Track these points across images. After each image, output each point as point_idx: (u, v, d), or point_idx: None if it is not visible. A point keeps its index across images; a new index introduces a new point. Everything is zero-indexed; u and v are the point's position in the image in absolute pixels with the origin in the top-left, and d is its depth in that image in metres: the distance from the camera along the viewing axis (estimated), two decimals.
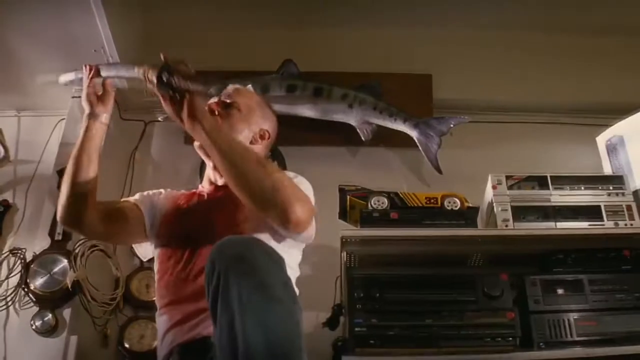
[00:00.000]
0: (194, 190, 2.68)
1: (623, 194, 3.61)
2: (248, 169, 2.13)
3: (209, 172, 2.63)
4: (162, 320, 2.35)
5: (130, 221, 2.52)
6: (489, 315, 3.23)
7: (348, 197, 3.56)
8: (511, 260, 3.51)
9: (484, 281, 3.30)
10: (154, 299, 2.51)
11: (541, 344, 3.21)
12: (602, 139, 4.07)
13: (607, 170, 3.99)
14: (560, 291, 3.36)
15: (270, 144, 2.77)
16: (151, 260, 3.88)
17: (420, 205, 3.51)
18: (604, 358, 3.20)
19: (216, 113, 2.52)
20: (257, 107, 2.68)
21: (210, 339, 2.07)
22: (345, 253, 3.45)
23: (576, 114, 4.55)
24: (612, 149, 3.97)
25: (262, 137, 2.67)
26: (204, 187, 2.65)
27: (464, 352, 3.12)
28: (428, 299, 3.24)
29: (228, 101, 2.58)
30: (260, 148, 2.63)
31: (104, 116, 2.46)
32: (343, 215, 3.60)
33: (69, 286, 3.66)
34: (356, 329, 3.13)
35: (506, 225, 3.48)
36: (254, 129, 2.63)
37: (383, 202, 3.49)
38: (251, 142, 2.60)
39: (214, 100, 2.58)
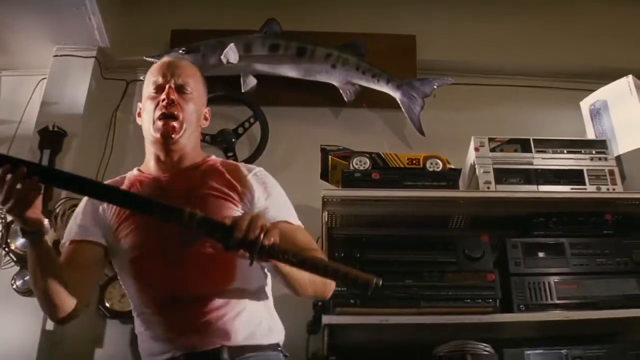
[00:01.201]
0: (140, 176, 2.39)
1: (606, 159, 3.61)
2: (316, 290, 2.18)
3: (155, 151, 2.36)
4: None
5: (91, 263, 2.29)
6: (469, 276, 3.23)
7: (330, 157, 3.54)
8: (492, 223, 3.50)
9: (465, 243, 3.29)
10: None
11: (521, 306, 3.22)
12: (586, 104, 4.06)
13: (591, 135, 3.98)
14: (541, 254, 3.37)
15: None
16: None
17: (402, 166, 3.49)
18: (583, 321, 3.22)
19: (175, 102, 2.29)
20: (202, 86, 2.46)
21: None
22: (326, 213, 3.42)
23: (561, 78, 4.51)
24: (595, 113, 3.95)
25: (205, 119, 2.48)
26: (152, 171, 2.37)
27: (443, 312, 3.12)
28: (408, 259, 3.23)
29: (180, 83, 2.33)
30: (200, 130, 2.46)
31: (45, 222, 2.03)
32: (324, 175, 3.58)
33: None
34: (336, 288, 3.11)
35: (488, 188, 3.48)
36: (201, 111, 2.44)
37: (365, 163, 3.47)
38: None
39: (167, 85, 2.30)
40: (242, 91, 4.19)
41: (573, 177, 3.55)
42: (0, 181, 1.82)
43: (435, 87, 4.16)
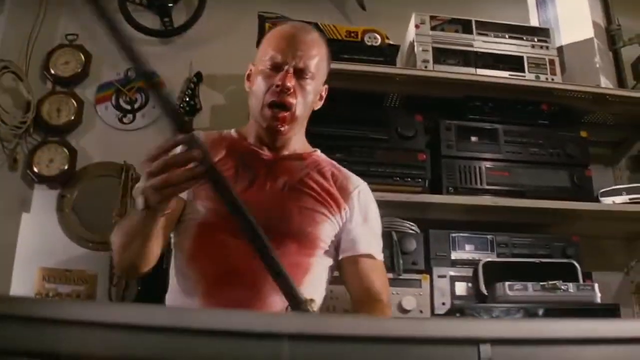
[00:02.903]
0: (241, 142, 2.19)
1: (547, 48, 3.52)
2: None
3: (258, 131, 2.15)
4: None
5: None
6: (400, 155, 3.16)
7: (267, 24, 3.38)
8: (428, 105, 3.42)
9: (398, 121, 3.21)
10: (64, 122, 2.24)
11: (450, 188, 3.17)
12: None
13: (535, 23, 3.89)
14: (474, 138, 3.31)
15: None
16: (65, 84, 3.73)
17: (340, 38, 3.34)
18: (512, 209, 3.20)
19: (291, 90, 2.03)
20: (326, 64, 2.20)
21: None
22: None
23: None
24: (541, 1, 3.87)
25: (320, 98, 2.24)
26: (252, 141, 2.17)
27: (372, 189, 3.03)
28: (339, 134, 3.13)
29: (301, 67, 2.06)
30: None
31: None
32: (260, 43, 3.42)
33: None
34: None
35: (425, 67, 3.36)
36: (318, 92, 2.20)
37: None
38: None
39: (285, 67, 2.03)
40: None
41: (512, 63, 3.46)
42: (179, 163, 1.56)
43: None
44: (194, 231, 2.01)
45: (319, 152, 2.28)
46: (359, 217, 2.14)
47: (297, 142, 2.19)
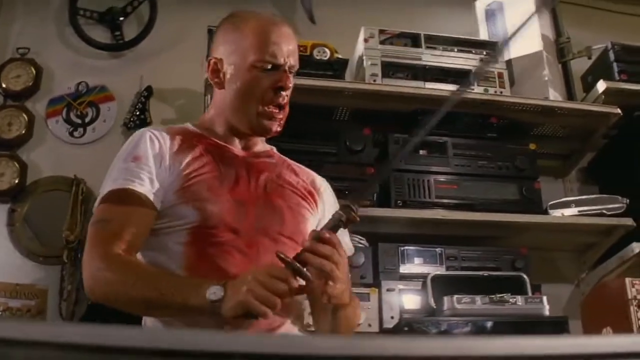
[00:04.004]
0: (205, 138, 2.05)
1: (496, 61, 3.54)
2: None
3: (238, 127, 2.05)
4: None
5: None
6: (349, 169, 3.16)
7: None
8: (377, 118, 3.42)
9: (347, 134, 3.21)
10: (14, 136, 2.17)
11: (399, 202, 3.17)
12: (481, 4, 3.99)
13: (484, 36, 3.91)
14: (422, 152, 3.32)
15: None
16: (16, 98, 3.68)
17: None
18: (461, 222, 3.21)
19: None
20: None
21: None
22: (209, 97, 3.27)
23: None
24: (490, 14, 3.89)
25: None
26: (220, 138, 2.06)
27: None
28: (287, 147, 3.10)
29: (293, 64, 2.06)
30: None
31: None
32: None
33: None
34: None
35: (374, 80, 3.36)
36: None
37: None
38: None
39: (284, 69, 2.01)
40: None
41: (461, 76, 3.47)
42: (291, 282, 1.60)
43: None
44: (187, 238, 1.84)
45: (275, 149, 2.23)
46: (329, 211, 2.04)
47: (262, 139, 2.15)
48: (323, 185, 2.20)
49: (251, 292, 1.54)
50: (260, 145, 2.13)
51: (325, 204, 2.13)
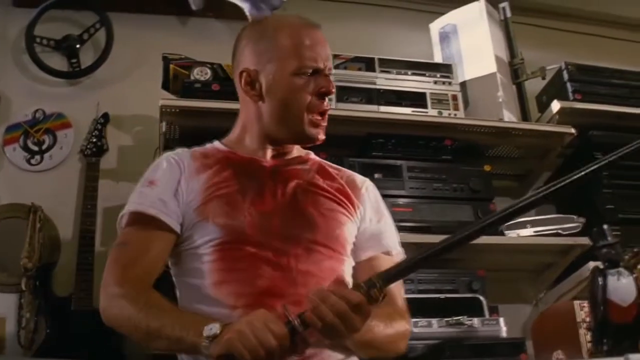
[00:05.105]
0: (232, 154, 2.01)
1: (450, 83, 3.58)
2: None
3: (277, 138, 2.00)
4: None
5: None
6: None
7: (171, 66, 3.38)
8: (331, 142, 3.38)
9: None
10: None
11: None
12: (435, 27, 4.00)
13: (438, 59, 3.93)
14: (377, 175, 3.31)
15: None
16: None
17: None
18: (416, 244, 3.20)
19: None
20: None
21: None
22: (164, 124, 3.27)
23: None
24: (444, 37, 3.91)
25: None
26: (248, 152, 2.01)
27: None
28: None
29: (330, 67, 1.99)
30: None
31: None
32: (166, 85, 3.42)
33: None
34: None
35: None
36: None
37: (206, 73, 3.32)
38: None
39: (325, 74, 1.94)
40: None
41: (415, 99, 3.50)
42: (284, 342, 1.51)
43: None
44: (215, 255, 1.81)
45: (312, 153, 2.14)
46: (372, 213, 2.04)
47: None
48: (364, 185, 2.10)
49: (240, 334, 1.49)
50: (295, 151, 2.06)
51: (366, 205, 2.05)
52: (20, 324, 3.35)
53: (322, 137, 1.97)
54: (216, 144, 2.06)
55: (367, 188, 2.10)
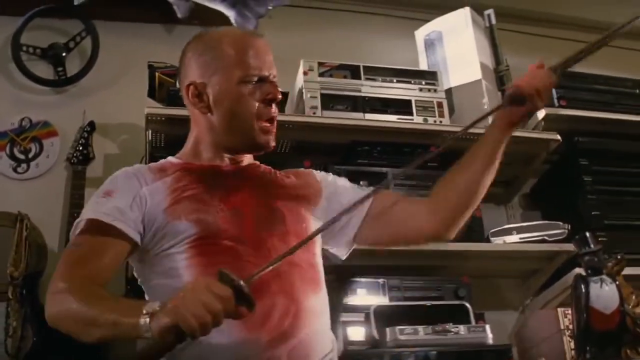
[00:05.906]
0: (187, 165, 2.01)
1: (435, 90, 3.59)
2: None
3: (233, 147, 2.02)
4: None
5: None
6: None
7: (157, 74, 3.39)
8: (317, 149, 3.45)
9: (287, 166, 3.15)
10: None
11: None
12: (421, 34, 4.01)
13: (424, 66, 3.94)
14: (363, 183, 3.30)
15: None
16: None
17: None
18: (402, 251, 3.20)
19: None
20: None
21: None
22: (150, 132, 3.30)
23: (397, 6, 4.43)
24: (430, 44, 3.92)
25: None
26: (203, 161, 2.02)
27: None
28: None
29: (275, 74, 2.02)
30: None
31: None
32: (151, 93, 3.42)
33: None
34: None
35: (314, 113, 3.38)
36: None
37: None
38: None
39: (271, 80, 1.99)
40: (75, 4, 3.93)
41: (400, 107, 3.51)
42: (229, 303, 1.48)
43: (270, 7, 4.01)
44: (192, 251, 1.80)
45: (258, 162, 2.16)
46: (330, 187, 2.15)
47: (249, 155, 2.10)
48: (311, 174, 2.20)
49: (184, 299, 1.46)
50: (247, 159, 2.08)
51: (327, 181, 2.18)
52: (7, 332, 3.34)
53: (272, 144, 2.00)
54: (170, 158, 2.05)
55: (313, 172, 2.21)
